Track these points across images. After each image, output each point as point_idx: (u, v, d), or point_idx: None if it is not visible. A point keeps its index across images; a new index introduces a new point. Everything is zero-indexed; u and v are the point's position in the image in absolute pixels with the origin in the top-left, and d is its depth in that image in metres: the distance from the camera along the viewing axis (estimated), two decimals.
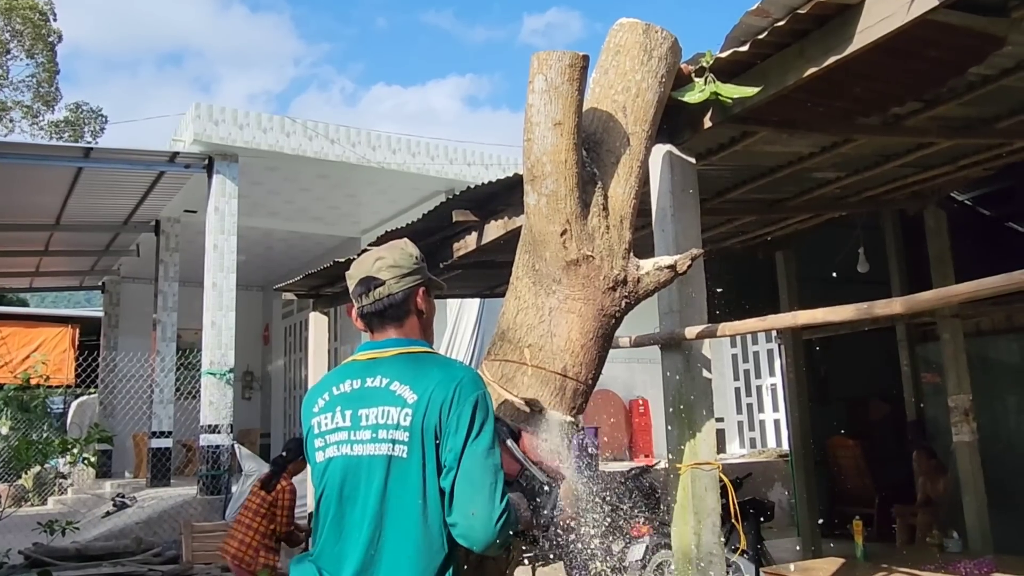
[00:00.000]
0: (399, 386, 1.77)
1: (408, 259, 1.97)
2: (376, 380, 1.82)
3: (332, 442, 1.83)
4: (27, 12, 21.35)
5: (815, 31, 2.79)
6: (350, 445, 1.80)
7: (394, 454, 1.73)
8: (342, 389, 1.86)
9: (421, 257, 2.02)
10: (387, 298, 1.92)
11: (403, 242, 2.04)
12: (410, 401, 1.74)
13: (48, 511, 11.04)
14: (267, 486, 5.15)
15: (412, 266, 1.97)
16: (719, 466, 3.19)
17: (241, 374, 16.03)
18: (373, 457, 1.75)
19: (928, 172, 5.22)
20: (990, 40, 2.97)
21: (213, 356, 9.64)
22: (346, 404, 1.83)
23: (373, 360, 1.88)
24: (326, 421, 1.86)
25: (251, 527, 5.11)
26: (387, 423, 1.75)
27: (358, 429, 1.79)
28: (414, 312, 1.96)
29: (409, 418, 1.73)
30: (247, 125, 9.96)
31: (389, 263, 1.95)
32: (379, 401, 1.78)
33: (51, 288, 18.13)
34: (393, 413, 1.75)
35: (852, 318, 2.51)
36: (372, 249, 2.07)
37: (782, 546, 8.01)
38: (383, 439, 1.74)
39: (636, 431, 13.38)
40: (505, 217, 4.92)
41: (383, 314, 1.93)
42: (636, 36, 2.63)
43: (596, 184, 2.45)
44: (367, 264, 1.97)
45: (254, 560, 5.03)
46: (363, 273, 1.95)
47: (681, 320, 3.24)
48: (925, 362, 7.98)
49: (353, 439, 1.79)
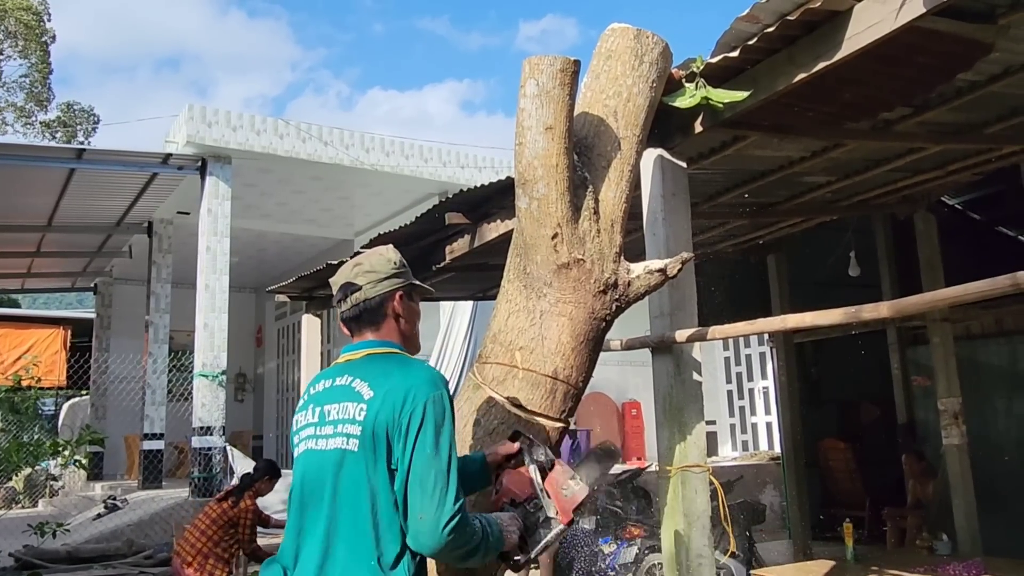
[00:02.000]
0: (359, 383, 1.83)
1: (385, 264, 2.01)
2: (343, 379, 1.88)
3: (303, 438, 1.91)
4: (21, 13, 21.29)
5: (804, 37, 2.82)
6: (315, 440, 1.86)
7: (347, 448, 1.77)
8: (317, 389, 1.94)
9: (401, 262, 2.05)
10: (363, 303, 1.97)
11: (384, 248, 2.08)
12: (366, 397, 1.79)
13: (39, 513, 11.01)
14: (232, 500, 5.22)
15: (389, 271, 2.00)
16: (709, 469, 3.21)
17: (234, 376, 16.01)
18: (331, 451, 1.80)
19: (918, 176, 5.26)
20: (978, 46, 3.00)
21: (205, 358, 9.63)
22: (317, 402, 1.90)
23: (347, 362, 1.95)
24: (301, 419, 1.94)
25: (205, 533, 5.12)
26: (344, 418, 1.81)
27: (323, 424, 1.85)
28: (390, 316, 1.99)
29: (364, 413, 1.77)
30: (240, 127, 9.95)
31: (366, 268, 1.99)
32: (341, 398, 1.84)
33: (43, 289, 18.05)
34: (350, 408, 1.80)
35: (840, 322, 2.53)
36: (357, 255, 2.13)
37: (773, 548, 8.04)
38: (340, 433, 1.80)
39: (629, 434, 13.39)
40: (498, 220, 4.93)
41: (359, 318, 1.98)
42: (627, 41, 2.64)
43: (587, 188, 2.47)
44: (347, 270, 2.02)
45: (202, 568, 5.03)
46: (343, 279, 2.01)
47: (672, 323, 3.26)
48: (915, 365, 8.02)
49: (317, 434, 1.86)
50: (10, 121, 23.13)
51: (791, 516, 7.87)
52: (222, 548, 5.14)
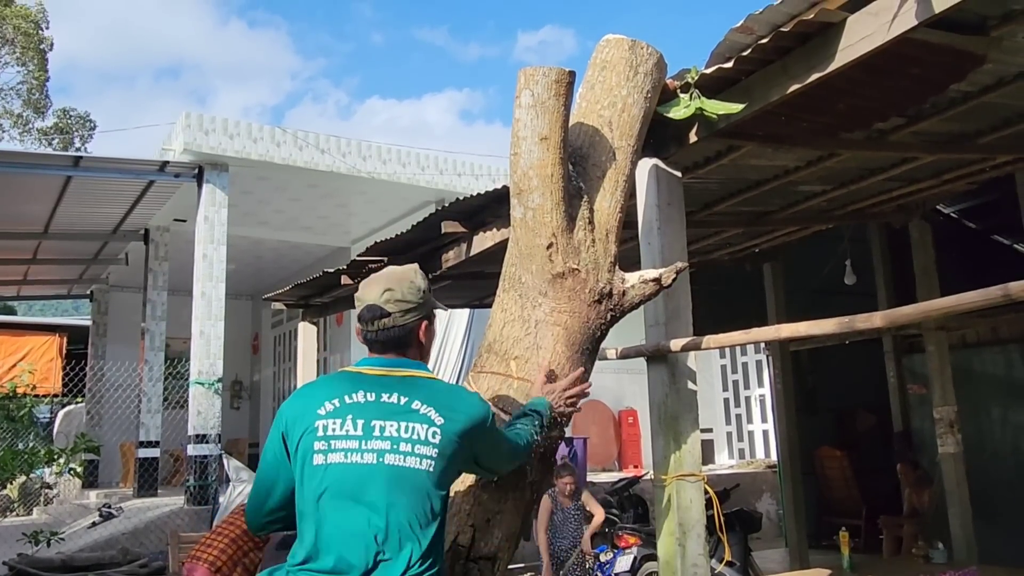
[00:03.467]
0: (421, 405, 1.92)
1: (416, 294, 2.07)
2: (392, 396, 1.94)
3: (339, 448, 1.90)
4: (19, 20, 21.29)
5: (798, 48, 2.83)
6: (360, 454, 1.88)
7: (420, 467, 1.87)
8: (355, 399, 1.95)
9: (428, 288, 2.12)
10: (392, 329, 2.03)
11: (413, 272, 2.12)
12: (438, 422, 1.91)
13: (33, 521, 10.95)
14: None
15: (418, 300, 2.07)
16: (704, 477, 3.21)
17: (230, 383, 15.96)
18: (393, 467, 1.86)
19: (913, 186, 5.28)
20: (970, 58, 3.02)
21: (201, 365, 9.60)
22: (359, 414, 1.92)
23: (384, 376, 1.99)
24: (334, 426, 1.92)
25: (236, 543, 5.06)
26: (412, 438, 1.89)
27: (370, 439, 1.89)
28: (415, 344, 2.08)
29: (438, 436, 1.89)
30: (237, 135, 9.95)
31: (397, 296, 2.04)
32: (402, 417, 1.91)
33: (39, 296, 18.01)
34: (419, 430, 1.89)
35: (834, 331, 2.54)
36: (383, 273, 2.13)
37: (770, 557, 8.03)
38: (405, 452, 1.87)
39: (625, 442, 13.38)
40: (494, 229, 4.94)
41: (386, 343, 2.05)
42: (622, 52, 2.66)
43: (582, 198, 2.48)
44: (375, 292, 2.06)
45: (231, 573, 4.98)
46: (371, 300, 2.05)
47: (667, 332, 3.26)
48: (911, 373, 8.04)
49: (365, 448, 1.88)
50: (7, 128, 23.11)
51: (787, 524, 7.86)
52: (249, 559, 5.09)
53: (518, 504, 2.36)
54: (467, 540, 2.26)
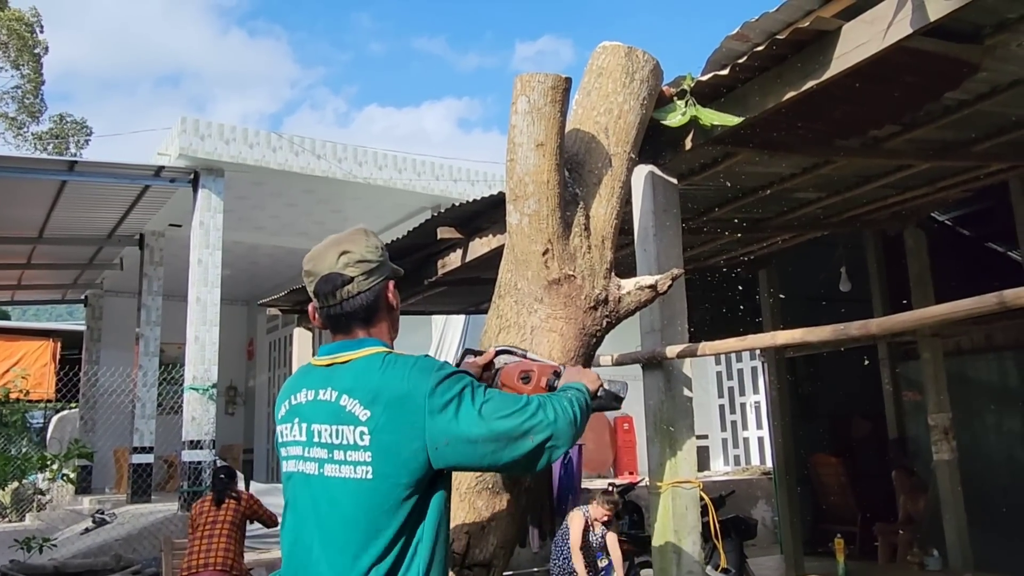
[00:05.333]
0: (348, 400, 1.63)
1: (375, 252, 1.77)
2: (327, 393, 1.67)
3: (292, 455, 1.74)
4: (13, 24, 21.27)
5: (794, 56, 2.84)
6: (304, 462, 1.70)
7: (356, 476, 1.60)
8: (299, 399, 1.74)
9: (384, 246, 1.84)
10: (358, 297, 1.73)
11: (363, 232, 1.82)
12: (362, 418, 1.61)
13: (26, 527, 10.87)
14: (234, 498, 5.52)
15: (379, 259, 1.77)
16: (700, 484, 3.21)
17: (224, 389, 15.91)
18: (332, 479, 1.64)
19: (908, 193, 5.30)
20: (965, 66, 3.04)
21: (196, 371, 9.57)
22: (302, 417, 1.71)
23: (329, 367, 1.72)
24: (286, 432, 1.75)
25: (232, 537, 5.26)
26: (342, 443, 1.62)
27: (311, 446, 1.68)
28: (384, 309, 1.78)
29: (366, 437, 1.60)
30: (233, 140, 9.95)
31: (357, 258, 1.74)
32: (331, 419, 1.65)
33: (33, 301, 17.94)
34: (347, 433, 1.62)
35: (830, 338, 2.54)
36: (329, 240, 1.82)
37: (765, 564, 8.02)
38: (339, 460, 1.63)
39: (621, 448, 13.36)
40: (490, 235, 4.95)
41: (352, 315, 1.73)
42: (618, 59, 2.66)
43: (578, 204, 2.48)
44: (329, 258, 1.75)
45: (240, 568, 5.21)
46: (326, 269, 1.74)
47: (662, 339, 3.27)
48: (906, 380, 8.05)
49: (307, 456, 1.69)
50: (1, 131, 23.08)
51: (783, 531, 7.86)
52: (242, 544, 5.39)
53: (514, 511, 2.35)
54: (461, 547, 2.25)
